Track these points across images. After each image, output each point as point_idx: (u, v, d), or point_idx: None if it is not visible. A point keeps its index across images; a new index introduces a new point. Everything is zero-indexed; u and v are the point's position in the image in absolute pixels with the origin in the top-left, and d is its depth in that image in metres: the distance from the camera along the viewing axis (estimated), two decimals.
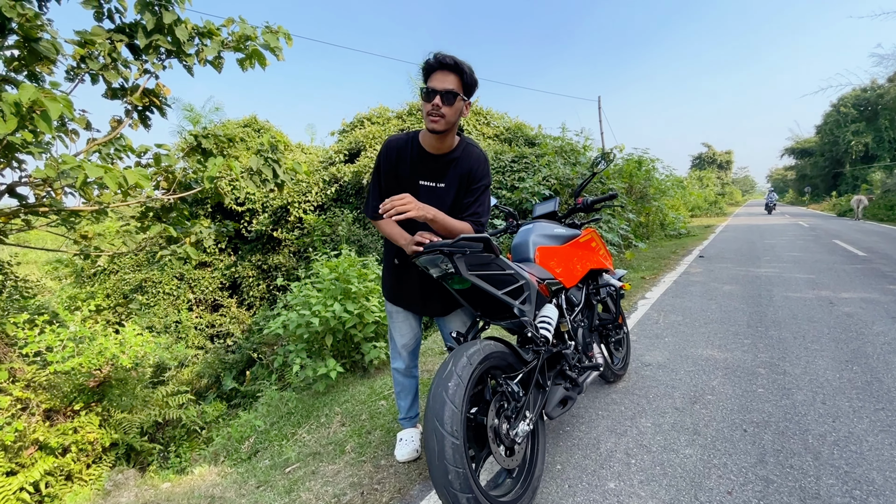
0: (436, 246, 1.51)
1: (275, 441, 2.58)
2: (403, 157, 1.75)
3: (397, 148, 1.76)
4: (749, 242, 10.38)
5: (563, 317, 2.01)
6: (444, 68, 1.62)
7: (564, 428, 2.18)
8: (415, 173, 1.77)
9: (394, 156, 1.76)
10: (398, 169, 1.76)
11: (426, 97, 1.63)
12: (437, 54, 1.62)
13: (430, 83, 1.62)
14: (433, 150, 1.75)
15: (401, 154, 1.75)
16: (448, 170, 1.78)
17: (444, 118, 1.63)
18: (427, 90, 1.62)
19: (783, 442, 1.97)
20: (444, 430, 1.33)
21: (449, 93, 1.61)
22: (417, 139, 1.77)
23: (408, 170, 1.77)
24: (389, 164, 1.76)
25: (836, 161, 33.74)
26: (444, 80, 1.61)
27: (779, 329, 3.59)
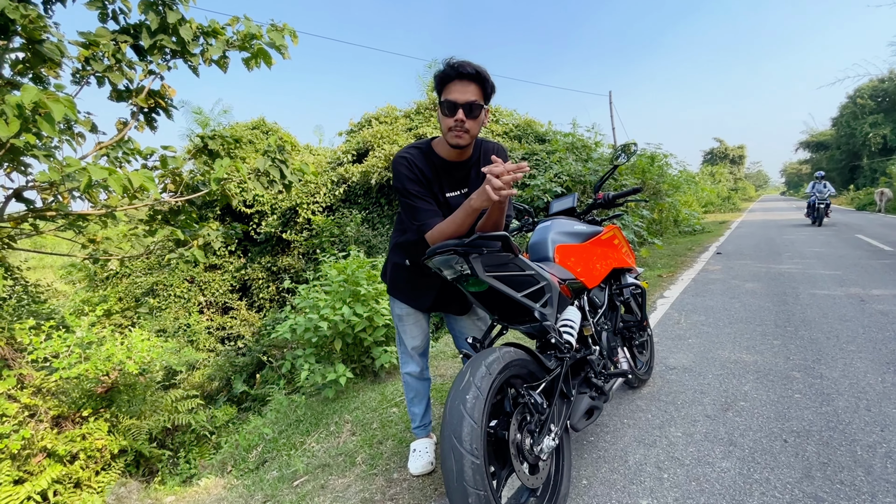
0: (449, 245, 1.39)
1: (283, 450, 2.48)
2: (425, 172, 1.60)
3: (415, 163, 1.59)
4: (767, 238, 10.10)
5: (585, 320, 1.88)
6: (463, 78, 1.46)
7: (588, 438, 2.05)
8: (441, 186, 1.64)
9: (417, 171, 1.58)
10: (427, 185, 1.61)
11: (447, 111, 1.48)
12: (453, 62, 1.47)
13: (450, 95, 1.47)
14: (453, 159, 1.63)
15: (422, 169, 1.60)
16: (471, 174, 1.67)
17: (468, 133, 1.51)
18: (448, 103, 1.47)
19: (829, 454, 1.81)
20: (462, 449, 1.20)
21: (472, 104, 1.47)
22: (433, 150, 1.62)
23: (433, 184, 1.62)
24: (416, 181, 1.58)
25: (854, 154, 32.94)
26: (465, 90, 1.46)
27: (809, 329, 3.40)
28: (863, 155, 31.22)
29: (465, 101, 1.46)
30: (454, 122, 1.48)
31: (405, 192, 1.57)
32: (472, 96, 1.47)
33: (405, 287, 1.81)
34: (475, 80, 1.47)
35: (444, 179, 1.63)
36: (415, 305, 1.83)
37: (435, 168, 1.61)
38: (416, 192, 1.57)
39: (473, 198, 1.40)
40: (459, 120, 1.47)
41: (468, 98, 1.46)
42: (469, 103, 1.46)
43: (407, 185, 1.57)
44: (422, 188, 1.58)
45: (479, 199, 1.38)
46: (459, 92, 1.46)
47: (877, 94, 30.45)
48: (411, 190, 1.57)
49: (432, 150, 1.62)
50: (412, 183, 1.57)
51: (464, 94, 1.46)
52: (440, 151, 1.62)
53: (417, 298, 1.81)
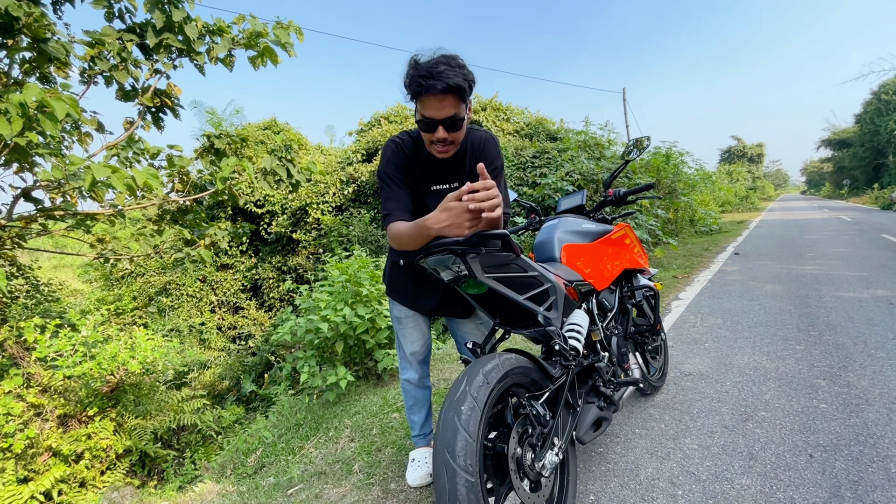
0: (445, 244, 1.29)
1: (281, 455, 2.41)
2: (412, 160, 1.51)
3: (403, 150, 1.50)
4: (788, 238, 9.78)
5: (594, 324, 1.77)
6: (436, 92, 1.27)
7: (597, 449, 1.93)
8: (428, 178, 1.54)
9: (402, 158, 1.50)
10: (410, 173, 1.52)
11: (424, 127, 1.36)
12: (422, 71, 1.26)
13: (426, 111, 1.32)
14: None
15: (409, 156, 1.51)
16: (459, 167, 1.57)
17: (453, 144, 1.40)
18: (425, 121, 1.33)
19: (860, 471, 1.67)
20: (455, 465, 1.11)
21: (453, 119, 1.33)
22: (423, 142, 1.51)
23: (419, 175, 1.54)
24: (399, 168, 1.49)
25: (878, 151, 31.92)
26: (441, 105, 1.30)
27: (834, 334, 3.22)
28: (888, 152, 30.23)
29: (444, 116, 1.32)
30: (435, 139, 1.37)
31: (383, 176, 1.49)
32: (450, 110, 1.31)
33: (404, 288, 1.72)
34: (451, 91, 1.28)
35: (432, 170, 1.53)
36: (414, 307, 1.73)
37: (423, 157, 1.51)
38: (393, 178, 1.48)
39: (432, 225, 1.20)
40: (441, 138, 1.36)
41: (446, 113, 1.31)
42: (448, 119, 1.32)
43: (387, 169, 1.49)
44: (401, 175, 1.49)
45: (441, 229, 1.21)
46: (435, 108, 1.31)
47: None
48: (390, 174, 1.48)
49: (423, 142, 1.52)
50: (393, 167, 1.48)
51: (441, 110, 1.31)
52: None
53: (417, 300, 1.71)
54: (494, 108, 11.20)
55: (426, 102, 1.31)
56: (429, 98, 1.30)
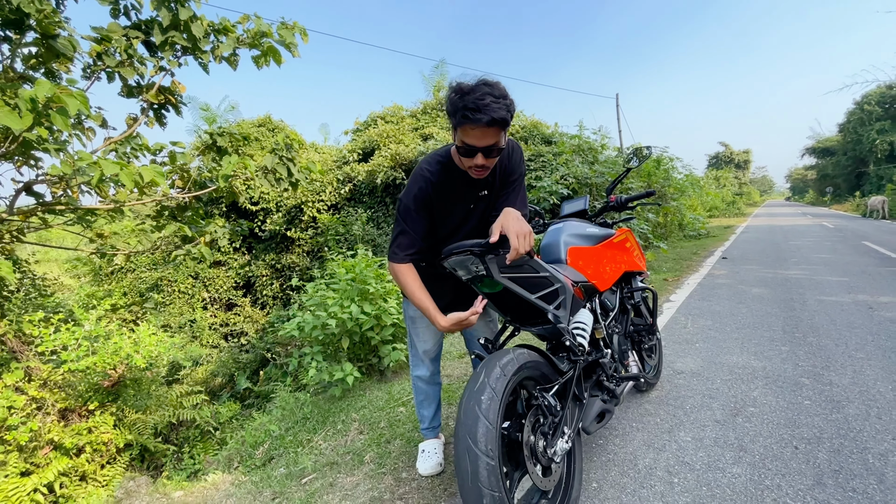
0: (465, 246, 1.39)
1: (290, 448, 2.48)
2: (449, 188, 1.57)
3: (438, 182, 1.55)
4: (773, 244, 10.06)
5: (597, 322, 1.88)
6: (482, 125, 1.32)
7: (597, 441, 2.04)
8: (462, 197, 1.62)
9: (427, 196, 1.56)
10: (432, 208, 1.59)
11: (464, 153, 1.42)
12: (467, 102, 1.29)
13: (468, 139, 1.37)
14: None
15: (444, 187, 1.56)
16: (490, 176, 1.65)
17: (488, 169, 1.49)
18: (465, 147, 1.39)
19: (841, 461, 1.80)
20: (477, 450, 1.20)
21: (491, 148, 1.39)
22: (453, 161, 1.56)
23: (458, 198, 1.61)
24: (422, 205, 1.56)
25: (860, 160, 32.76)
26: (483, 135, 1.35)
27: (817, 335, 3.39)
28: (869, 161, 31.04)
29: (484, 145, 1.38)
30: (473, 165, 1.44)
31: (403, 210, 1.58)
32: (491, 140, 1.37)
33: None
34: (495, 124, 1.32)
35: (466, 190, 1.61)
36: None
37: (454, 181, 1.58)
38: (410, 214, 1.56)
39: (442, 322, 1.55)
40: (479, 164, 1.43)
41: (487, 143, 1.37)
42: (488, 147, 1.39)
43: (408, 203, 1.56)
44: (422, 213, 1.57)
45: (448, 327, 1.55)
46: (478, 138, 1.36)
47: (884, 101, 30.26)
48: (411, 208, 1.56)
49: (452, 161, 1.57)
50: (415, 203, 1.56)
51: (482, 140, 1.36)
52: (459, 163, 1.58)
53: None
54: None
55: (469, 132, 1.35)
56: (473, 128, 1.34)
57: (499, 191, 1.65)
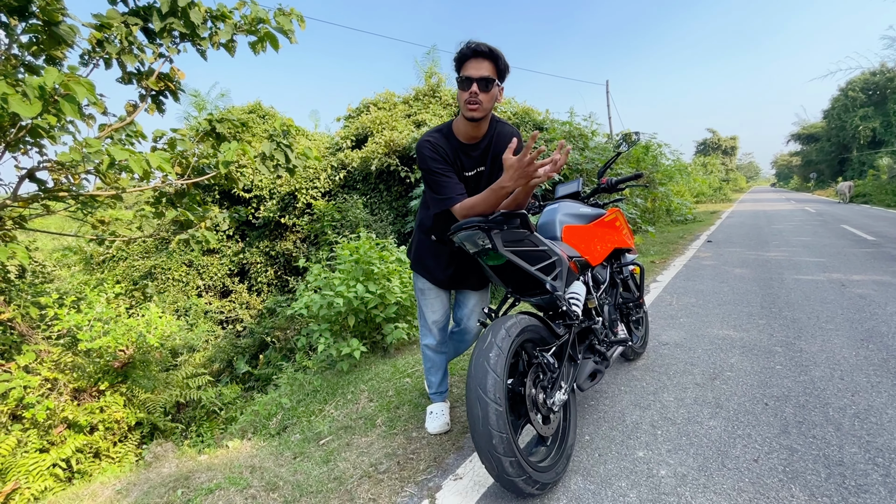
0: (474, 222, 1.55)
1: (303, 417, 2.66)
2: (448, 154, 1.75)
3: (439, 145, 1.74)
4: (756, 228, 10.38)
5: (590, 294, 2.06)
6: (478, 56, 1.62)
7: (589, 402, 2.25)
8: (461, 166, 1.79)
9: (441, 152, 1.73)
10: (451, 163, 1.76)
11: (463, 85, 1.65)
12: (470, 42, 1.63)
13: (466, 72, 1.63)
14: (470, 140, 1.78)
15: (445, 149, 1.75)
16: (487, 154, 1.82)
17: (481, 105, 1.66)
18: (463, 78, 1.63)
19: (804, 414, 2.02)
20: (487, 398, 1.38)
21: (485, 79, 1.63)
22: (452, 132, 1.78)
23: (459, 167, 1.78)
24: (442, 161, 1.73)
25: (843, 146, 33.44)
26: (479, 67, 1.62)
27: (792, 310, 3.63)
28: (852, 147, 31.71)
29: (479, 75, 1.61)
30: (469, 95, 1.63)
31: (431, 171, 1.72)
32: (485, 72, 1.62)
33: (429, 263, 1.97)
34: (488, 57, 1.62)
35: (464, 160, 1.78)
36: (436, 281, 1.99)
37: (454, 150, 1.76)
38: (440, 170, 1.71)
39: (507, 183, 1.50)
40: (473, 93, 1.62)
41: (482, 73, 1.61)
42: (482, 78, 1.61)
43: (431, 165, 1.72)
44: (444, 166, 1.73)
45: (514, 183, 1.49)
46: (474, 68, 1.62)
47: (868, 87, 30.82)
48: (435, 168, 1.72)
49: (452, 132, 1.77)
50: (436, 162, 1.72)
51: (478, 70, 1.62)
52: (458, 134, 1.77)
53: (439, 274, 1.97)
54: None
55: (468, 65, 1.63)
56: (470, 61, 1.62)
57: (492, 169, 1.82)
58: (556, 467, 1.58)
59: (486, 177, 1.83)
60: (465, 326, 2.11)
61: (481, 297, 2.08)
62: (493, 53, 1.64)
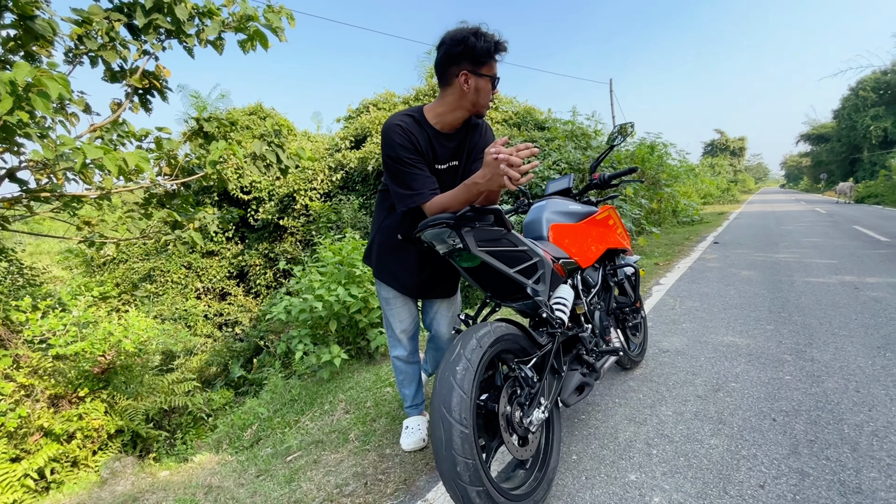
0: (441, 219, 1.39)
1: (277, 428, 2.50)
2: (420, 141, 1.56)
3: (410, 131, 1.55)
4: (765, 229, 10.11)
5: (578, 298, 1.89)
6: (500, 52, 1.56)
7: (579, 416, 2.07)
8: (433, 157, 1.61)
9: (412, 139, 1.54)
10: (422, 152, 1.57)
11: (493, 85, 1.58)
12: (497, 36, 1.54)
13: (493, 71, 1.57)
14: (448, 129, 1.61)
15: (417, 137, 1.56)
16: (463, 146, 1.66)
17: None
18: (493, 77, 1.56)
19: (816, 432, 1.83)
20: (451, 418, 1.21)
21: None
22: (425, 118, 1.59)
23: (430, 157, 1.60)
24: (412, 149, 1.54)
25: (854, 147, 32.84)
26: (496, 66, 1.59)
27: (803, 315, 3.42)
28: (863, 148, 31.13)
29: (497, 74, 1.58)
30: (492, 95, 1.60)
31: (399, 160, 1.52)
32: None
33: (394, 268, 1.79)
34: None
35: (438, 149, 1.61)
36: (402, 290, 1.81)
37: (427, 137, 1.58)
38: (410, 160, 1.53)
39: (479, 181, 1.36)
40: (495, 92, 1.61)
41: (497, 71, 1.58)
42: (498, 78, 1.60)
43: (401, 153, 1.52)
44: (415, 156, 1.54)
45: (487, 183, 1.34)
46: (496, 69, 1.58)
47: (879, 87, 30.24)
48: (405, 157, 1.52)
49: (424, 117, 1.59)
50: (406, 150, 1.52)
51: (496, 68, 1.58)
52: (433, 121, 1.58)
53: (408, 280, 1.79)
54: None
55: (494, 65, 1.56)
56: (494, 59, 1.55)
57: (468, 163, 1.66)
58: (535, 495, 1.41)
59: (461, 172, 1.67)
60: (435, 332, 1.95)
61: (449, 301, 1.90)
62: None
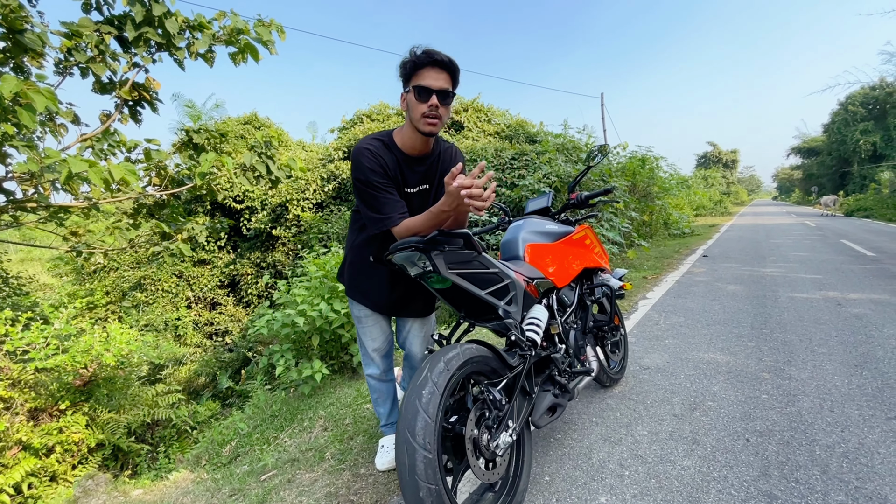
0: (410, 242, 1.40)
1: (256, 445, 2.48)
2: (389, 165, 1.57)
3: (379, 155, 1.55)
4: (754, 242, 10.20)
5: (553, 318, 1.90)
6: (437, 65, 1.48)
7: (555, 435, 2.07)
8: (403, 181, 1.62)
9: (381, 163, 1.55)
10: (391, 176, 1.58)
11: (421, 96, 1.48)
12: (427, 49, 1.48)
13: (423, 81, 1.47)
14: (416, 153, 1.62)
15: (386, 161, 1.56)
16: (435, 171, 1.68)
17: (440, 119, 1.51)
18: (420, 88, 1.47)
19: (788, 453, 1.84)
20: (415, 443, 1.22)
21: (444, 92, 1.49)
22: (394, 142, 1.60)
23: (400, 181, 1.61)
24: (382, 173, 1.54)
25: (844, 160, 33.31)
26: (437, 78, 1.48)
27: (784, 331, 3.45)
28: (853, 161, 31.59)
29: (439, 87, 1.47)
30: (427, 108, 1.47)
31: (369, 184, 1.54)
32: (444, 84, 1.49)
33: (366, 286, 1.79)
34: (448, 68, 1.49)
35: (407, 174, 1.63)
36: (375, 308, 1.81)
37: (396, 161, 1.59)
38: (379, 184, 1.54)
39: (444, 207, 1.39)
40: (433, 105, 1.47)
41: (441, 85, 1.48)
42: (443, 90, 1.48)
43: (370, 177, 1.53)
44: (385, 180, 1.56)
45: (453, 211, 1.39)
46: (433, 79, 1.47)
47: (867, 102, 30.80)
48: (375, 181, 1.53)
49: (394, 142, 1.60)
50: (375, 174, 1.54)
51: (437, 81, 1.47)
52: (401, 144, 1.60)
53: (380, 298, 1.80)
54: (476, 110, 11.35)
55: (425, 74, 1.47)
56: (427, 70, 1.47)
57: (438, 188, 1.67)
58: None
59: (432, 196, 1.69)
60: (408, 351, 1.94)
61: (423, 320, 1.90)
62: (452, 64, 1.50)
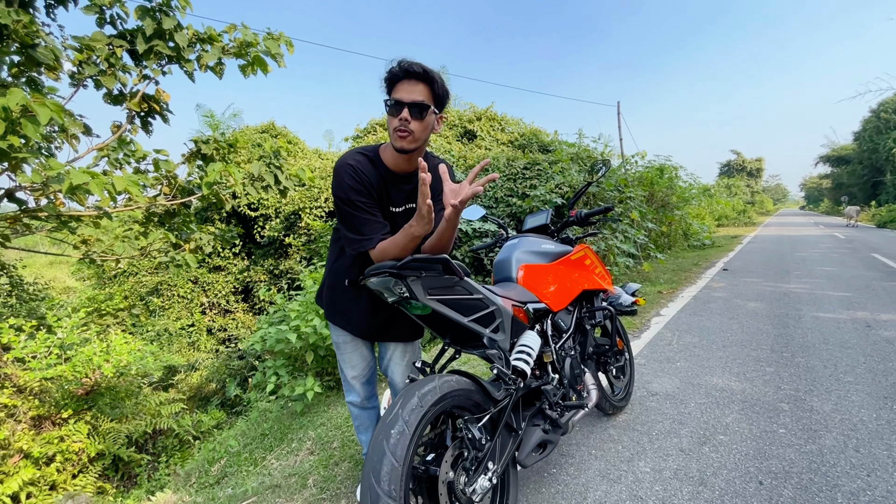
0: (384, 267, 1.31)
1: (243, 466, 2.41)
2: (373, 182, 1.49)
3: (361, 171, 1.48)
4: (779, 255, 9.80)
5: (546, 345, 1.78)
6: (411, 77, 1.41)
7: (550, 470, 1.94)
8: (387, 199, 1.54)
9: (363, 180, 1.47)
10: (373, 194, 1.50)
11: (392, 110, 1.41)
12: (402, 61, 1.41)
13: (396, 94, 1.41)
14: (400, 170, 1.53)
15: (369, 178, 1.48)
16: (417, 191, 1.58)
17: (412, 134, 1.41)
18: (392, 102, 1.41)
19: (806, 500, 1.67)
20: (379, 490, 1.11)
21: (418, 105, 1.39)
22: (380, 157, 1.52)
23: (384, 198, 1.53)
24: (362, 192, 1.46)
25: (876, 169, 32.02)
26: (411, 90, 1.41)
27: (807, 356, 3.23)
28: (886, 171, 30.32)
29: (411, 100, 1.39)
30: (398, 122, 1.40)
31: (349, 202, 1.45)
32: (418, 96, 1.41)
33: (345, 309, 1.69)
34: (423, 79, 1.41)
35: (392, 192, 1.54)
36: (356, 332, 1.71)
37: (381, 178, 1.50)
38: (360, 203, 1.46)
39: (414, 225, 1.32)
40: (404, 119, 1.39)
41: (414, 98, 1.40)
42: (415, 103, 1.40)
43: (351, 196, 1.45)
44: (367, 199, 1.47)
45: (420, 226, 1.31)
46: (406, 91, 1.41)
47: None
48: (356, 200, 1.45)
49: (379, 157, 1.52)
50: (357, 193, 1.46)
51: (410, 94, 1.40)
52: (387, 160, 1.51)
53: (361, 322, 1.69)
54: (489, 118, 11.27)
55: (400, 87, 1.42)
56: (402, 83, 1.41)
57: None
58: None
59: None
60: (390, 380, 1.84)
61: (405, 347, 1.78)
62: (428, 75, 1.41)
